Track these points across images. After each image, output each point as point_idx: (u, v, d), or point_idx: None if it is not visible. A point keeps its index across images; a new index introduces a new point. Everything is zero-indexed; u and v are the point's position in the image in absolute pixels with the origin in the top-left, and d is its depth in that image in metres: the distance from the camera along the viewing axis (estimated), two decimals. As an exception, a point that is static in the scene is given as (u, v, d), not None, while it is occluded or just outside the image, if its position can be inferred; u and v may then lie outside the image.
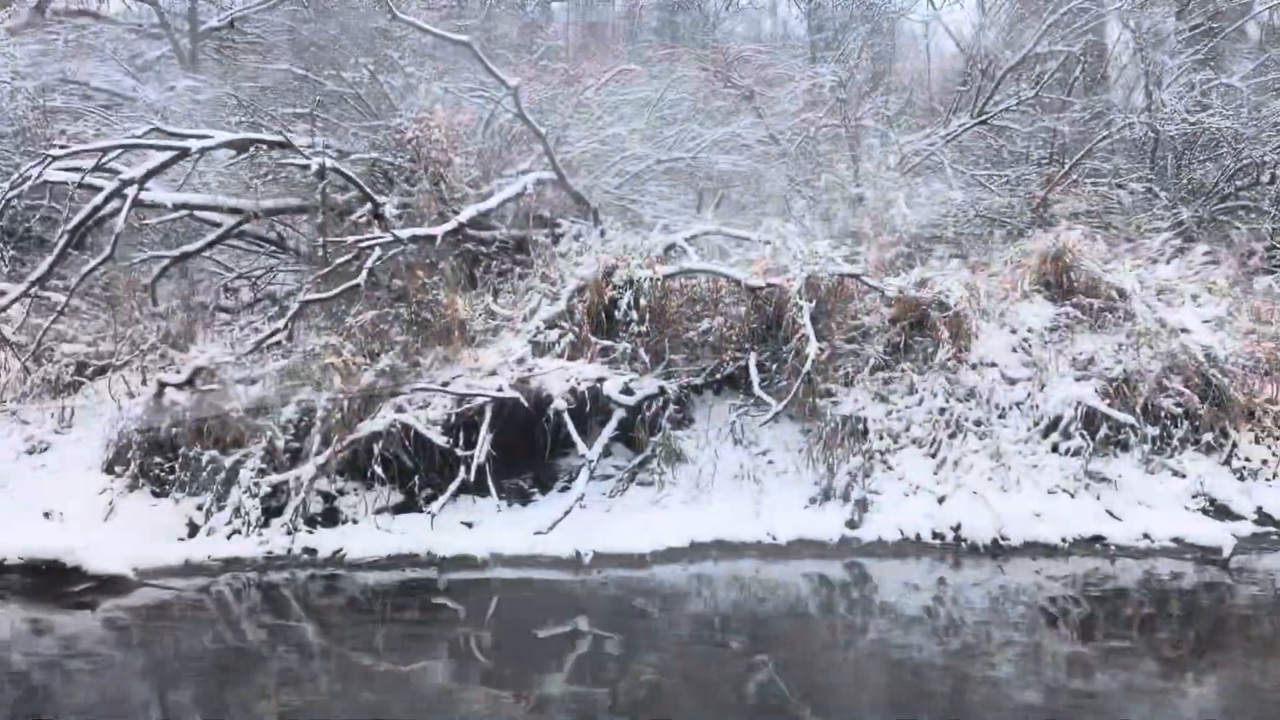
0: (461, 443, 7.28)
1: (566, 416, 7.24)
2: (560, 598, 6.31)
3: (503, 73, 8.51)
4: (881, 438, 7.77)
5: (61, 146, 7.74)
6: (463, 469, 7.11)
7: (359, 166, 8.15)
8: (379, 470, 7.01)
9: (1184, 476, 7.73)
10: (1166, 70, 13.99)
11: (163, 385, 7.02)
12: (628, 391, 7.47)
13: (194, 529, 6.97)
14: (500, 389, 7.26)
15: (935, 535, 7.12)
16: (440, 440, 7.11)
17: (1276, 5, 15.72)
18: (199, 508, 7.02)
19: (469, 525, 7.06)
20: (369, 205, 7.51)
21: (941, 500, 7.34)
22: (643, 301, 7.92)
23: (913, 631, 5.84)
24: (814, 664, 5.35)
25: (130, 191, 7.58)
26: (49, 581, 6.33)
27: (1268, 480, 7.77)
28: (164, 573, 6.47)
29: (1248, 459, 7.89)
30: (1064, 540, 7.02)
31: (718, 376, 8.33)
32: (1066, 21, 13.46)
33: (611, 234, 8.72)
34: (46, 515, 7.09)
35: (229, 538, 6.83)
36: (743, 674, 5.16)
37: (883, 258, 9.78)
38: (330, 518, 7.17)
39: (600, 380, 7.46)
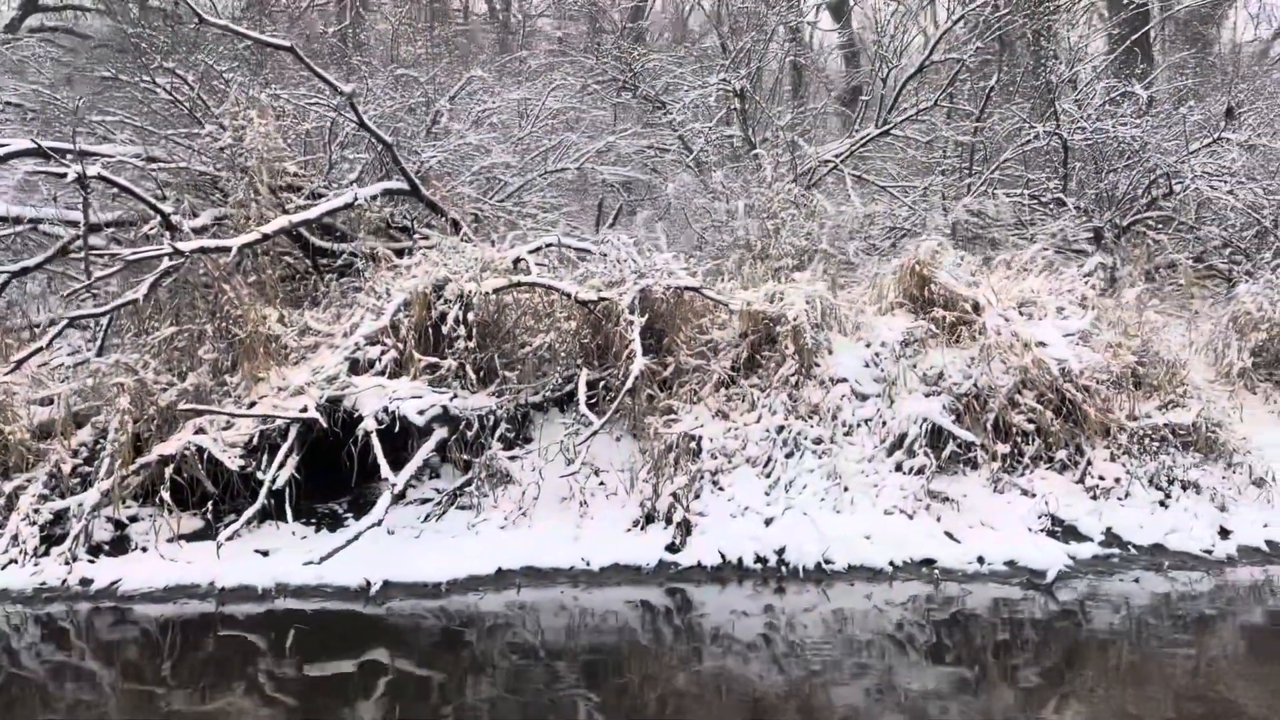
0: (267, 465, 6.92)
1: (374, 438, 6.87)
2: (337, 631, 5.92)
3: (340, 79, 8.21)
4: (715, 457, 7.44)
5: None
6: (265, 494, 6.74)
7: (183, 176, 7.81)
8: (166, 496, 6.63)
9: (1033, 496, 7.43)
10: (1079, 79, 13.85)
11: (-67, 407, 6.66)
12: (445, 412, 7.11)
13: (-30, 559, 6.58)
14: (304, 409, 6.91)
15: (758, 559, 6.77)
16: (234, 464, 6.74)
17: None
18: (-23, 536, 6.64)
19: (264, 553, 6.68)
20: (159, 216, 7.16)
21: (769, 522, 7.01)
22: (471, 316, 7.59)
23: (724, 671, 5.49)
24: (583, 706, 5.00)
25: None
26: None
27: (1120, 499, 7.47)
28: (-82, 607, 6.09)
29: (1102, 477, 7.59)
30: (891, 564, 6.69)
31: (557, 394, 8.00)
32: (972, 31, 13.29)
33: (466, 246, 8.41)
34: None
35: (4, 568, 6.45)
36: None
37: (755, 272, 9.53)
38: (120, 546, 6.79)
39: (415, 398, 7.11)
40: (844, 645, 5.68)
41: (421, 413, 6.89)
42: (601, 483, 7.46)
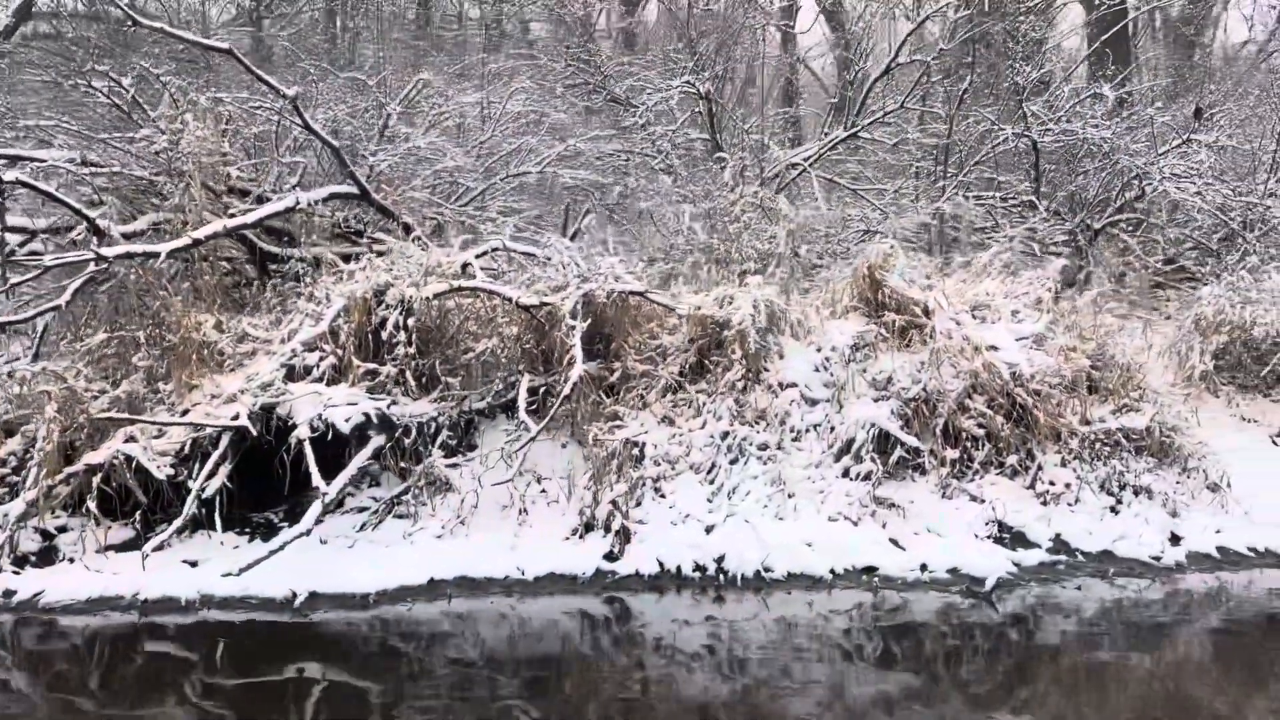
0: (199, 474, 6.80)
1: (307, 446, 6.74)
2: (262, 643, 5.79)
3: (284, 83, 8.09)
4: (658, 463, 7.32)
5: None
6: (191, 503, 6.62)
7: (119, 181, 7.70)
8: (93, 506, 6.52)
9: (982, 502, 7.31)
10: (1052, 80, 13.74)
11: None
12: (379, 419, 7.00)
13: (-105, 571, 6.46)
14: (236, 417, 6.79)
15: (698, 567, 6.65)
16: (162, 473, 6.62)
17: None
18: (-99, 548, 6.52)
19: (192, 564, 6.55)
20: (85, 222, 7.05)
21: (710, 530, 6.89)
22: (411, 322, 7.47)
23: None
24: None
25: None
26: None
27: (1070, 505, 7.35)
28: None
29: (1052, 483, 7.47)
30: (831, 572, 6.58)
31: (501, 400, 7.88)
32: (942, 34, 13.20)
33: (412, 250, 8.29)
34: None
35: (-73, 580, 6.33)
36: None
37: (712, 276, 9.41)
38: (48, 557, 6.67)
39: (350, 405, 7.00)
40: (783, 654, 5.57)
41: (348, 420, 6.77)
42: (543, 490, 7.34)
